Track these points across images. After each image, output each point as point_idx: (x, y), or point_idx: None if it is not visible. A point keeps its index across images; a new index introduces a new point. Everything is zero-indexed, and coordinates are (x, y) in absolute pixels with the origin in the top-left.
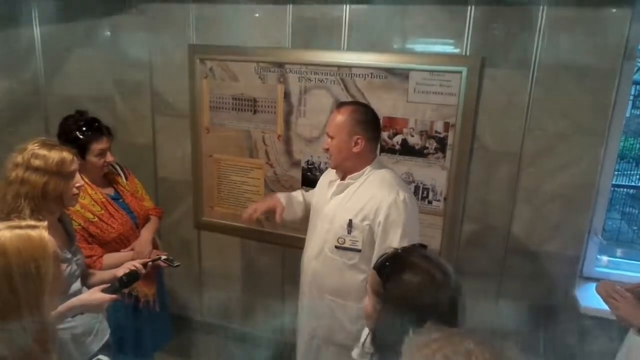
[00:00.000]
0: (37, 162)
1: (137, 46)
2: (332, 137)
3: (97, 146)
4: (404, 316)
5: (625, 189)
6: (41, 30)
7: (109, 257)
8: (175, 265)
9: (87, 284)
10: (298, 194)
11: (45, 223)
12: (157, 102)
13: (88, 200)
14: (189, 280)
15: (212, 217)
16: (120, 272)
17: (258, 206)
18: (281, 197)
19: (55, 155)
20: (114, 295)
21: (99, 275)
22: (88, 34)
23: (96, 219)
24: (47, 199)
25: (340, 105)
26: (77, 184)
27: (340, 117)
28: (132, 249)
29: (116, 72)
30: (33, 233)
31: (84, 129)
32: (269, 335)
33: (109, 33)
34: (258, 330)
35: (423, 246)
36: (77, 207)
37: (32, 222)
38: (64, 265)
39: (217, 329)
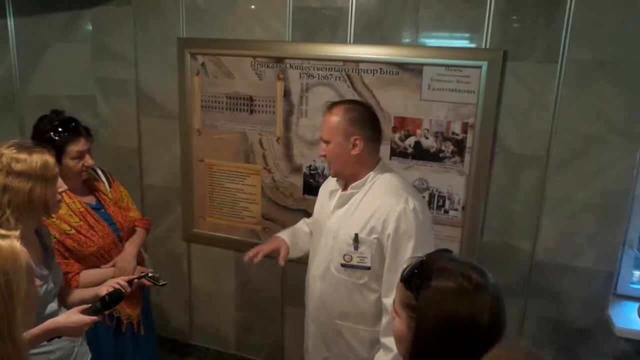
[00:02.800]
0: (19, 167)
1: (121, 40)
2: (327, 142)
3: (74, 148)
4: (445, 327)
5: None
6: (15, 23)
7: (87, 274)
8: (161, 284)
9: (65, 303)
10: (302, 225)
11: (18, 232)
12: (143, 101)
13: (65, 210)
14: (178, 298)
15: (204, 229)
16: (103, 290)
17: (261, 249)
18: (284, 235)
19: (37, 158)
20: (94, 317)
21: (78, 294)
22: (67, 27)
23: (73, 231)
24: (32, 207)
25: (331, 105)
26: (60, 189)
27: (334, 118)
28: (114, 265)
29: (98, 69)
30: (3, 243)
31: (59, 129)
32: None
33: (90, 26)
34: (255, 356)
35: (447, 251)
36: (53, 217)
37: (2, 231)
38: (38, 282)
39: (209, 354)
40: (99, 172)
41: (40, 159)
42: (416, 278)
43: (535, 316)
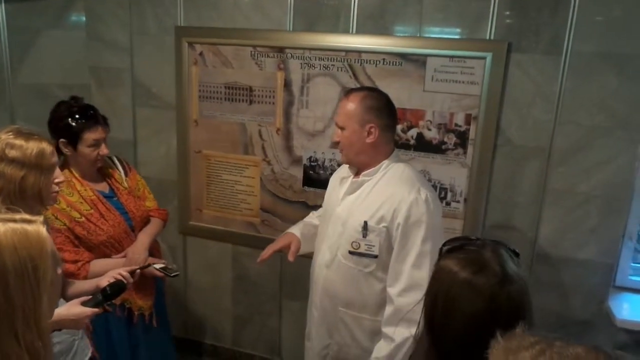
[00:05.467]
0: (13, 153)
1: (116, 28)
2: (342, 128)
3: (91, 136)
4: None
5: None
6: (6, 8)
7: (97, 264)
8: (172, 275)
9: (65, 294)
10: (312, 219)
11: (42, 218)
12: (138, 91)
13: (76, 197)
14: (173, 292)
15: (200, 222)
16: (104, 282)
17: (271, 246)
18: (295, 230)
19: (33, 145)
20: (95, 309)
21: (78, 285)
22: (61, 14)
23: (83, 219)
24: (24, 196)
25: (349, 91)
26: (57, 180)
27: (351, 105)
28: (125, 256)
29: (93, 58)
30: (30, 228)
31: (77, 116)
32: (264, 355)
33: (84, 12)
34: (251, 350)
35: (502, 244)
36: (63, 204)
37: (27, 216)
38: (60, 270)
39: (204, 348)
40: (116, 161)
41: (37, 146)
42: (447, 249)
43: (536, 307)
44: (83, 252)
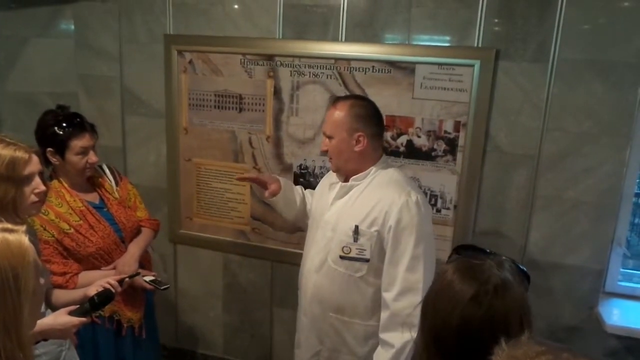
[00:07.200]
0: None
1: (105, 36)
2: (330, 137)
3: (78, 143)
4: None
5: None
6: None
7: (86, 276)
8: (162, 288)
9: (51, 304)
10: (297, 188)
11: (24, 227)
12: (128, 99)
13: (65, 208)
14: (163, 301)
15: (190, 230)
16: (92, 290)
17: (255, 174)
18: (282, 180)
19: (6, 154)
20: (83, 319)
21: (66, 294)
22: (49, 22)
23: (72, 230)
24: None
25: (336, 100)
26: (36, 190)
27: (338, 114)
28: (114, 268)
29: (81, 66)
30: (11, 237)
31: (63, 124)
32: None
33: (73, 20)
34: (242, 359)
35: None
36: (52, 216)
37: (9, 225)
38: (42, 279)
39: (196, 358)
40: (106, 170)
41: (10, 155)
42: (455, 252)
43: None
44: (72, 263)
